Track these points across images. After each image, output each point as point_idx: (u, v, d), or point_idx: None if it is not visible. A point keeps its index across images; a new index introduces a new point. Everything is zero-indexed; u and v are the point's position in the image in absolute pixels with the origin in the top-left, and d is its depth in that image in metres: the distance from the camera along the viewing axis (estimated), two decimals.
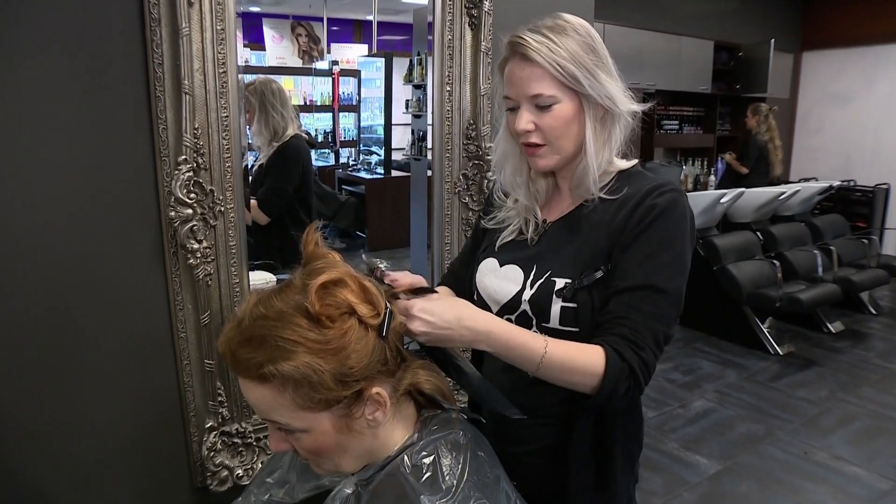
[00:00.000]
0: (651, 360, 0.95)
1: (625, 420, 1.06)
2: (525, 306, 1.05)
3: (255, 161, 2.24)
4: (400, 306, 0.87)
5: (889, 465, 2.74)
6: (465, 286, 1.21)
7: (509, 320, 1.04)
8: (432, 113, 1.71)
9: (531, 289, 1.04)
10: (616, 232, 0.99)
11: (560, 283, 1.01)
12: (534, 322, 1.04)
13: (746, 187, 4.55)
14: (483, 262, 1.14)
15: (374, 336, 0.81)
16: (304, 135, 2.40)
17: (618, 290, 0.96)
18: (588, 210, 1.04)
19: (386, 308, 0.83)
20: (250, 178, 2.17)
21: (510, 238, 1.12)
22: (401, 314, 0.86)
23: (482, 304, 1.12)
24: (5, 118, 1.17)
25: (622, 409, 1.03)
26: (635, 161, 1.08)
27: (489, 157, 1.69)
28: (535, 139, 1.01)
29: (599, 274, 0.99)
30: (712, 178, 5.74)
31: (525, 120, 1.00)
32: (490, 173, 1.70)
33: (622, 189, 1.02)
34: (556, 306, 1.01)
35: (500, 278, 1.10)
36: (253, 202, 2.05)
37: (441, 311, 0.87)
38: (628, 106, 1.02)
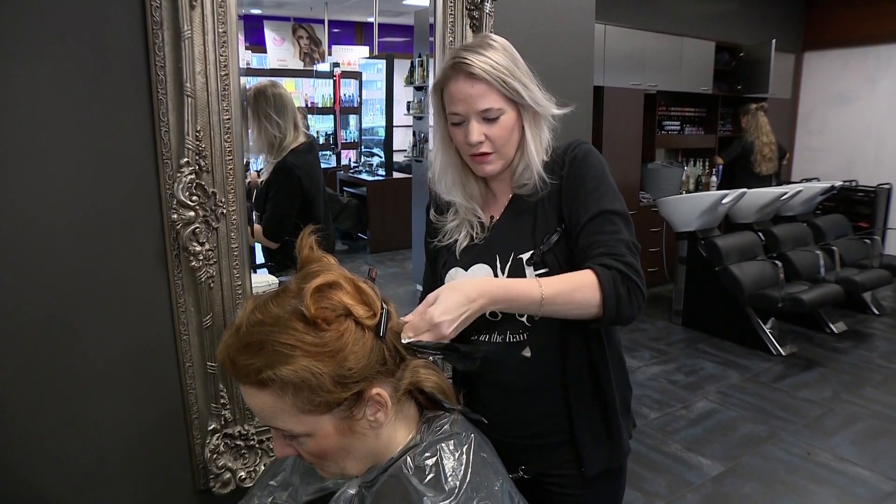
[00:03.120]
0: (633, 262, 1.04)
1: (614, 367, 1.18)
2: None
3: (258, 170, 2.16)
4: (417, 324, 0.89)
5: (893, 466, 2.74)
6: None
7: (493, 313, 1.11)
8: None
9: (504, 274, 1.13)
10: (555, 193, 1.13)
11: (526, 255, 1.12)
12: None
13: (733, 186, 4.57)
14: (448, 273, 1.20)
15: (372, 337, 0.81)
16: (313, 142, 2.25)
17: (580, 229, 1.08)
18: (528, 196, 1.15)
19: (382, 308, 0.84)
20: (255, 193, 2.08)
21: (465, 244, 1.20)
22: (426, 329, 0.89)
23: None
24: (7, 120, 1.18)
25: (610, 357, 1.15)
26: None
27: None
28: (485, 148, 1.11)
29: (556, 236, 1.11)
30: (714, 178, 5.73)
31: (477, 132, 1.09)
32: None
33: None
34: (531, 275, 1.10)
35: None
36: (258, 228, 1.98)
37: (453, 302, 0.93)
38: (552, 110, 1.14)
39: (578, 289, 1.00)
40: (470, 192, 1.20)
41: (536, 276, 1.09)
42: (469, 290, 0.95)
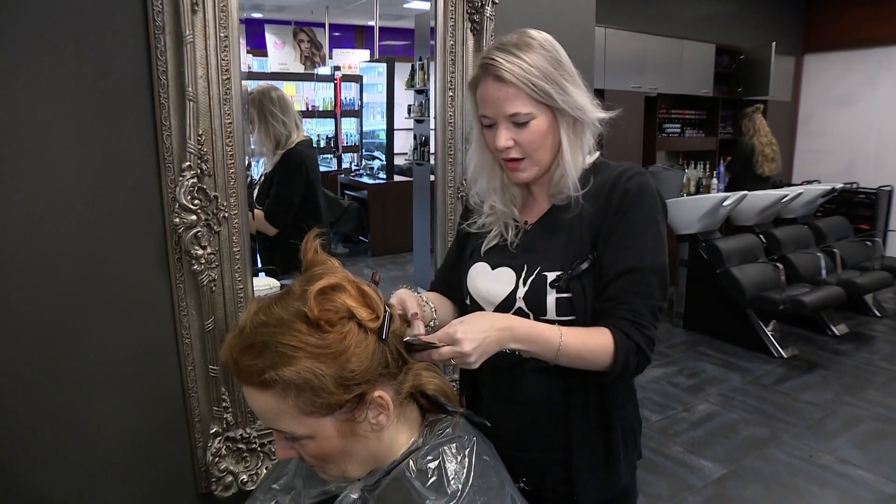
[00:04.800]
0: (653, 334, 1.04)
1: (622, 398, 1.14)
2: (520, 304, 1.09)
3: (261, 170, 2.22)
4: (443, 336, 0.90)
5: (895, 468, 2.73)
6: (454, 289, 1.24)
7: None
8: (434, 118, 1.71)
9: (524, 286, 1.09)
10: (596, 220, 1.06)
11: (551, 276, 1.07)
12: (531, 317, 1.08)
13: (739, 188, 4.57)
14: (473, 266, 1.18)
15: (374, 339, 0.82)
16: (311, 140, 2.35)
17: (612, 277, 1.04)
18: (564, 208, 1.10)
19: (385, 311, 0.84)
20: (257, 187, 2.15)
21: (493, 243, 1.16)
22: (448, 343, 0.90)
23: (475, 307, 1.17)
24: (11, 125, 1.18)
25: (619, 387, 1.12)
26: (597, 153, 1.14)
27: None
28: (515, 154, 1.06)
29: (587, 264, 1.05)
30: (714, 181, 5.74)
31: (504, 137, 1.05)
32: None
33: (590, 180, 1.08)
34: (552, 297, 1.06)
35: (492, 281, 1.14)
36: (259, 213, 2.03)
37: (476, 325, 0.93)
38: (595, 114, 1.09)
39: (594, 351, 1.00)
40: (510, 196, 1.15)
41: (558, 300, 1.06)
42: (495, 320, 0.96)
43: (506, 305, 1.10)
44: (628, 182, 1.05)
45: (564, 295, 1.06)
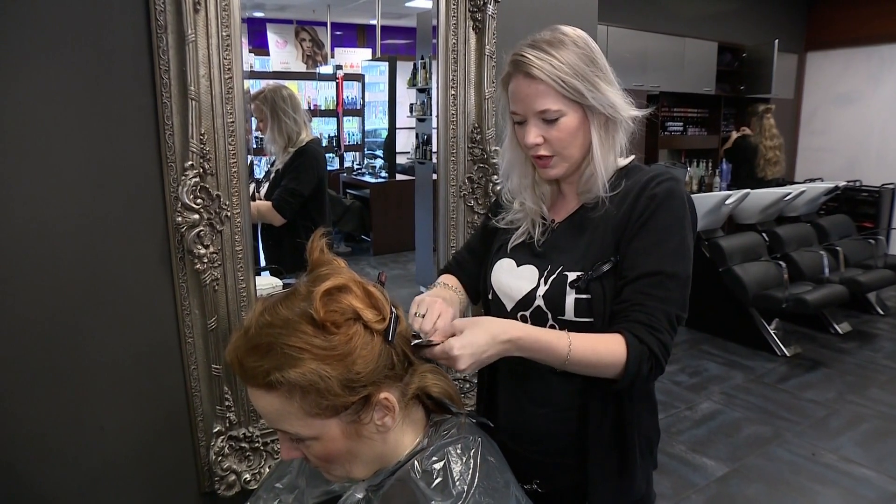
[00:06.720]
0: (668, 341, 1.00)
1: (641, 401, 1.12)
2: (540, 301, 1.09)
3: (270, 166, 2.25)
4: (439, 353, 0.89)
5: None
6: (472, 276, 1.25)
7: (524, 317, 1.10)
8: (437, 117, 1.71)
9: (545, 284, 1.08)
10: (621, 224, 1.04)
11: (572, 275, 1.05)
12: (549, 316, 1.08)
13: (736, 186, 4.56)
14: (499, 261, 1.18)
15: (380, 341, 0.81)
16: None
17: (630, 279, 1.01)
18: (592, 208, 1.09)
19: (391, 313, 0.84)
20: (267, 184, 2.18)
21: (520, 241, 1.16)
22: (443, 357, 0.89)
23: (497, 301, 1.17)
24: (13, 125, 1.18)
25: (638, 395, 1.10)
26: (632, 157, 1.12)
27: (494, 161, 1.69)
28: (544, 151, 1.06)
29: (608, 266, 1.03)
30: (717, 179, 5.72)
31: (534, 134, 1.04)
32: (495, 177, 1.71)
33: (621, 184, 1.07)
34: (571, 298, 1.05)
35: (515, 277, 1.14)
36: (267, 203, 2.05)
37: (477, 340, 0.91)
38: (629, 112, 1.06)
39: (604, 357, 0.98)
40: (540, 193, 1.15)
41: (577, 300, 1.04)
42: (498, 331, 0.93)
43: (525, 302, 1.10)
44: (657, 187, 1.03)
45: (584, 296, 1.04)
